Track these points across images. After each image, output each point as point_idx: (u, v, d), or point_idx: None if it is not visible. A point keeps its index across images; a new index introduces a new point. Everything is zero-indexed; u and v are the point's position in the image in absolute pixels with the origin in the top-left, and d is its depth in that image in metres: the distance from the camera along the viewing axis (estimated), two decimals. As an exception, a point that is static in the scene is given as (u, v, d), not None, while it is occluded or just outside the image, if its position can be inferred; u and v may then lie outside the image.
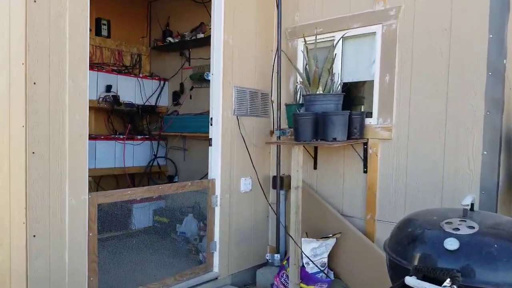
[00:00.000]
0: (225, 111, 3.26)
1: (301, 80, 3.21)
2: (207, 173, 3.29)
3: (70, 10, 2.25)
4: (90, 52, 4.43)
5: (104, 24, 4.47)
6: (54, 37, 2.18)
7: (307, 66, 3.06)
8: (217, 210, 3.23)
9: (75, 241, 2.31)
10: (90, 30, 4.47)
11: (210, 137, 3.26)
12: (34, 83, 2.11)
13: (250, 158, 3.42)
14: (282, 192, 3.54)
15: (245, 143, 3.38)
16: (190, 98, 4.43)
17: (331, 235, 3.08)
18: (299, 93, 3.43)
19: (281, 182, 3.52)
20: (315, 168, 3.48)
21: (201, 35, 4.17)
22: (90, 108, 4.32)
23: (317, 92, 2.95)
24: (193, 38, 4.24)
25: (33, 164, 2.12)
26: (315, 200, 3.36)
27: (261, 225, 3.65)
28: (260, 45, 3.54)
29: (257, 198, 3.57)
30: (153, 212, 4.26)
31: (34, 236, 2.13)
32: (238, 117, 3.35)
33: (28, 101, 2.09)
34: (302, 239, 3.01)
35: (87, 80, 2.34)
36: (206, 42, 3.23)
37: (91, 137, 3.99)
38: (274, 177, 3.57)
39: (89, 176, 3.87)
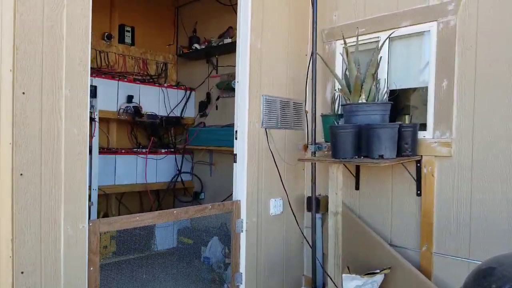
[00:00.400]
0: (251, 123, 2.86)
1: (340, 87, 2.76)
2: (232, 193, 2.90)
3: (68, 8, 1.93)
4: (112, 60, 4.24)
5: (128, 31, 4.22)
6: (48, 38, 1.87)
7: (347, 72, 2.62)
8: (243, 236, 2.82)
9: (72, 278, 1.97)
10: (113, 37, 4.30)
11: (234, 152, 2.86)
12: (23, 93, 1.79)
13: (280, 177, 2.99)
14: (318, 215, 3.08)
15: (274, 159, 2.96)
16: (216, 108, 4.08)
17: (378, 271, 2.58)
18: (337, 102, 2.98)
19: (317, 204, 3.06)
20: (357, 188, 3.00)
21: (228, 40, 3.82)
22: (111, 120, 4.13)
23: (360, 101, 2.49)
24: (220, 43, 3.90)
25: (21, 188, 1.80)
26: (357, 227, 2.87)
27: (295, 252, 3.20)
28: (292, 49, 3.13)
29: (289, 222, 3.13)
30: (177, 231, 3.94)
31: (22, 273, 1.80)
32: (266, 129, 2.94)
33: (15, 113, 1.77)
34: (343, 275, 2.53)
35: (87, 89, 2.01)
36: (233, 48, 2.87)
37: (110, 151, 3.72)
38: (309, 198, 3.11)
39: (110, 193, 3.63)
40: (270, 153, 2.95)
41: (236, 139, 2.86)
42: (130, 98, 3.81)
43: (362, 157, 2.46)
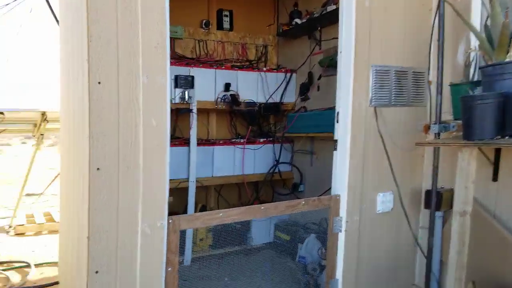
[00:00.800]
0: (357, 101, 2.40)
1: (478, 44, 2.12)
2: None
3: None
4: (211, 49, 4.14)
5: (226, 16, 4.05)
6: (122, 21, 1.72)
7: (488, 21, 1.98)
8: (342, 238, 2.40)
9: (148, 279, 1.83)
10: (211, 24, 4.19)
11: (335, 138, 2.45)
12: (99, 83, 1.68)
13: (391, 166, 2.48)
14: (438, 214, 2.49)
15: (384, 144, 2.45)
16: (318, 89, 3.65)
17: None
18: (473, 65, 2.32)
19: (438, 200, 2.47)
20: (494, 179, 2.31)
21: (332, 7, 3.30)
22: (210, 110, 4.04)
23: (507, 60, 1.85)
24: (323, 13, 3.42)
25: (98, 183, 1.70)
26: (492, 231, 2.21)
27: (405, 259, 2.65)
28: (411, 3, 2.54)
29: (400, 221, 2.60)
30: (274, 226, 3.69)
31: (97, 272, 1.71)
32: (376, 108, 2.45)
33: (91, 105, 1.67)
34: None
35: (166, 75, 1.82)
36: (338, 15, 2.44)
37: (208, 143, 3.62)
38: (428, 192, 2.52)
39: (209, 186, 3.54)
40: (380, 137, 2.45)
41: (337, 122, 2.44)
42: (227, 86, 3.63)
43: (507, 137, 1.83)
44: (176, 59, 3.61)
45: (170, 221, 1.89)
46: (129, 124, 1.72)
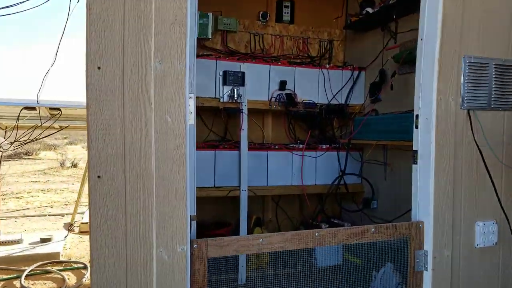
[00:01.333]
0: (443, 102, 1.85)
1: None
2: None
3: None
4: (268, 43, 3.72)
5: (287, 7, 3.62)
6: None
7: None
8: (427, 278, 1.85)
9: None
10: (269, 16, 3.79)
11: (414, 148, 1.90)
12: (98, 68, 1.34)
13: (494, 186, 1.86)
14: None
15: (482, 158, 1.86)
16: (392, 88, 3.06)
17: None
18: None
19: None
20: None
21: (412, -9, 2.74)
22: (266, 111, 3.63)
23: None
24: (400, -1, 2.86)
25: (99, 194, 1.36)
26: None
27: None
28: None
29: (507, 259, 1.96)
30: (343, 246, 3.16)
31: (100, 307, 1.37)
32: (470, 112, 1.87)
33: (89, 95, 1.34)
34: None
35: (185, 59, 1.44)
36: (419, 2, 1.91)
37: (262, 147, 3.20)
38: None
39: (266, 196, 3.13)
40: (476, 149, 1.87)
41: (416, 127, 1.90)
42: (283, 85, 3.19)
43: None
44: (228, 54, 3.25)
45: (195, 245, 1.49)
46: (137, 121, 1.36)
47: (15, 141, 4.37)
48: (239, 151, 3.02)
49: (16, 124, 4.20)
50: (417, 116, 1.91)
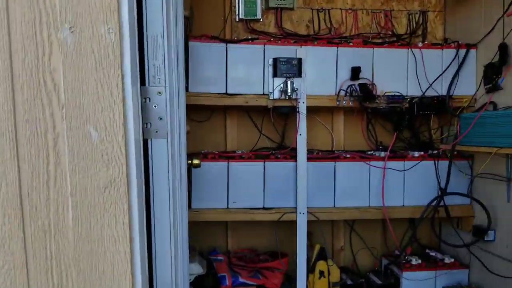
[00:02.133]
0: None
1: None
2: None
3: None
4: (337, 21, 2.88)
5: (362, -27, 2.80)
6: None
7: None
8: None
9: None
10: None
11: None
12: None
13: None
14: None
15: None
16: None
17: None
18: None
19: None
20: None
21: None
22: (335, 109, 2.81)
23: None
24: None
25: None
26: None
27: None
28: None
29: None
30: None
31: None
32: None
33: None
34: None
35: (122, 20, 0.79)
36: None
37: (327, 157, 2.44)
38: None
39: (338, 220, 2.41)
40: None
41: None
42: (356, 73, 2.38)
43: None
44: (282, 37, 2.55)
45: None
46: (36, 133, 0.75)
47: None
48: (295, 162, 2.31)
49: None
50: None
